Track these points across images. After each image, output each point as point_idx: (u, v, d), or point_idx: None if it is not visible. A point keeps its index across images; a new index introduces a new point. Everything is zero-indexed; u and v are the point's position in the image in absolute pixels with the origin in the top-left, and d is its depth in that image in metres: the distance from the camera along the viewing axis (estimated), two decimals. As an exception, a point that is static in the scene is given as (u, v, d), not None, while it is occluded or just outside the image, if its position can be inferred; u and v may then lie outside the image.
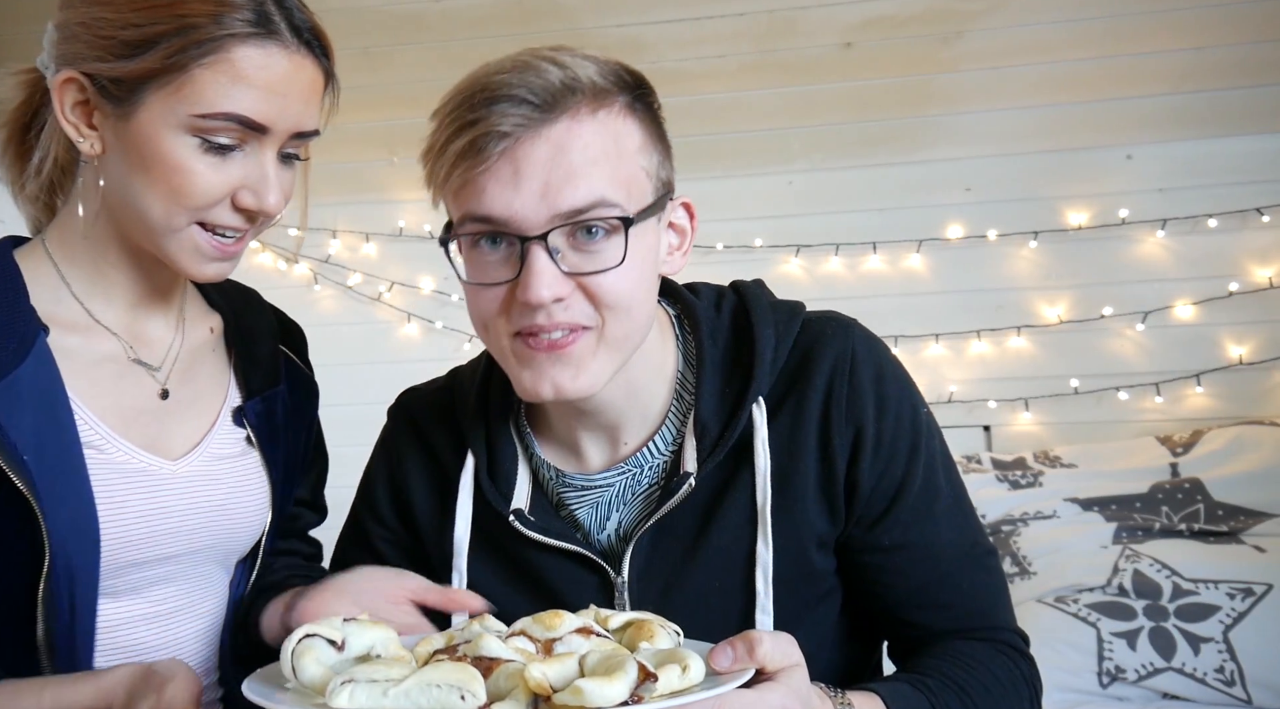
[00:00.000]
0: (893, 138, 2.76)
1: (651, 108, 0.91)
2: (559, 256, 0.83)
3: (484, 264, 0.87)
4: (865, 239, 2.75)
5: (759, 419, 0.94)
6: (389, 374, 2.98)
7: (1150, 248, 2.63)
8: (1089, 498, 2.30)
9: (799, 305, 1.01)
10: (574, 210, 0.82)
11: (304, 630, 0.73)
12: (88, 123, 0.96)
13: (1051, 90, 2.67)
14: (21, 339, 0.92)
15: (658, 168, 0.90)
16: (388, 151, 2.97)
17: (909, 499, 0.94)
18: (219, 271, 0.98)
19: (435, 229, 2.97)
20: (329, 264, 2.99)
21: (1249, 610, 1.92)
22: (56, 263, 1.00)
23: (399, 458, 1.07)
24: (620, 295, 0.86)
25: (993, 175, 2.72)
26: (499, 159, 0.82)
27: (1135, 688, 1.91)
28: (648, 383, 0.97)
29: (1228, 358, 2.57)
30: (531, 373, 0.87)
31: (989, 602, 0.98)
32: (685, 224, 0.97)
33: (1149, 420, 2.60)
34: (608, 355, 0.88)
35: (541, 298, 0.82)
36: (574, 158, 0.82)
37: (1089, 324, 2.65)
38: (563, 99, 0.83)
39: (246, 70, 0.91)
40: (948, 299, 2.73)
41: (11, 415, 0.89)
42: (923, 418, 0.97)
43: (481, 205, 0.83)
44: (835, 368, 0.94)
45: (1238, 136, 2.59)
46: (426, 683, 0.64)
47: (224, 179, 0.93)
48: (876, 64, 2.72)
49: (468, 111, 0.83)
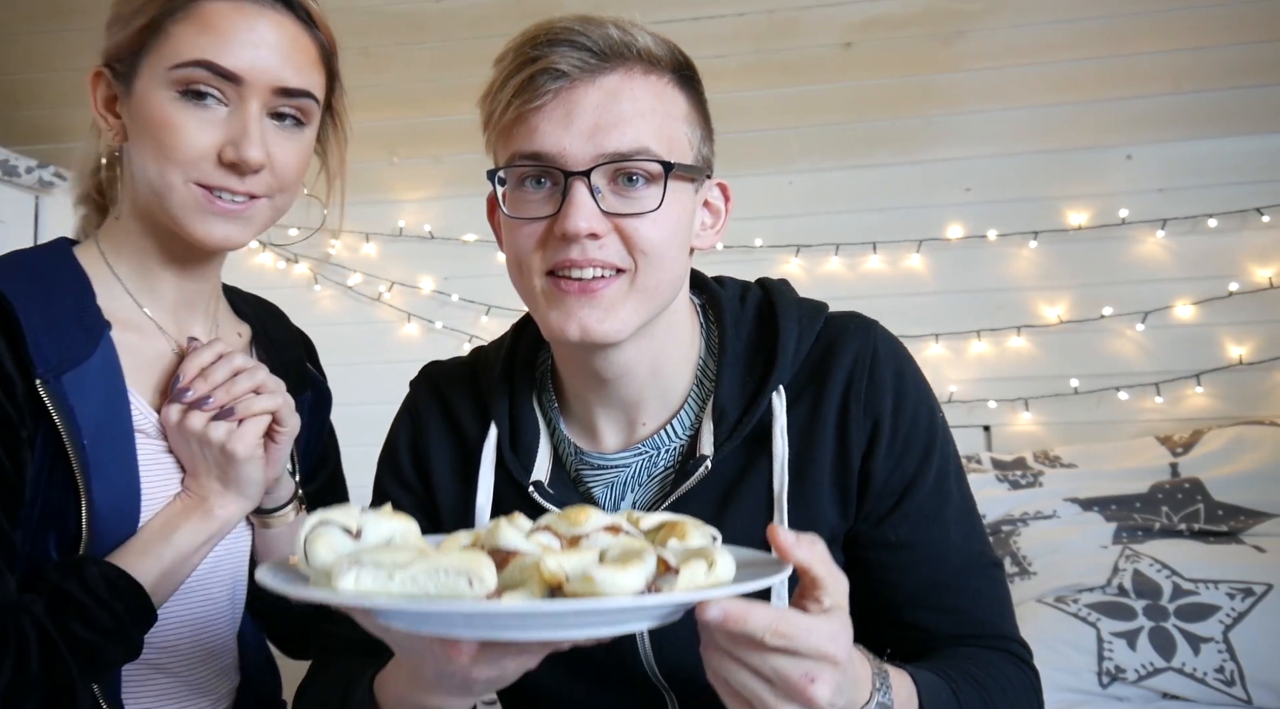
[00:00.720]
0: (893, 138, 2.76)
1: (700, 93, 0.95)
2: (599, 196, 0.86)
3: (526, 202, 0.89)
4: (865, 239, 2.75)
5: (779, 407, 0.95)
6: (389, 374, 2.99)
7: (1150, 248, 2.63)
8: (1089, 498, 2.30)
9: (823, 304, 1.03)
10: (618, 153, 0.85)
11: (318, 517, 0.71)
12: (113, 113, 1.02)
13: (1051, 90, 2.67)
14: (90, 333, 0.98)
15: (700, 143, 0.94)
16: (388, 151, 2.97)
17: (919, 497, 0.95)
18: (226, 234, 1.00)
19: (435, 229, 2.97)
20: (329, 264, 2.99)
21: (1249, 610, 1.92)
22: (110, 262, 1.05)
23: (422, 425, 1.08)
24: (654, 242, 0.88)
25: (993, 175, 2.72)
26: (553, 98, 0.86)
27: (1135, 688, 1.91)
28: (672, 365, 0.98)
29: (1228, 358, 2.57)
30: (560, 313, 0.88)
31: (995, 611, 0.97)
32: (720, 205, 1.00)
33: (1149, 420, 2.60)
34: (637, 304, 0.89)
35: (579, 228, 0.84)
36: (623, 106, 0.86)
37: (1089, 324, 2.65)
38: (618, 53, 0.87)
39: (214, 20, 0.95)
40: (948, 299, 2.73)
41: (78, 401, 0.94)
42: (939, 421, 0.98)
43: (532, 142, 0.86)
44: (856, 361, 0.95)
45: (1238, 136, 2.59)
46: (434, 568, 0.62)
47: (207, 133, 0.96)
48: (876, 64, 2.72)
49: (530, 49, 0.87)
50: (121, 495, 0.98)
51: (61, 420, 0.93)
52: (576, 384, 0.99)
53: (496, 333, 3.47)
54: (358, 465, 1.21)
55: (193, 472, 1.02)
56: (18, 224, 2.43)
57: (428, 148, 2.96)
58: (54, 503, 0.95)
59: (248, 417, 1.01)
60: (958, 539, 0.96)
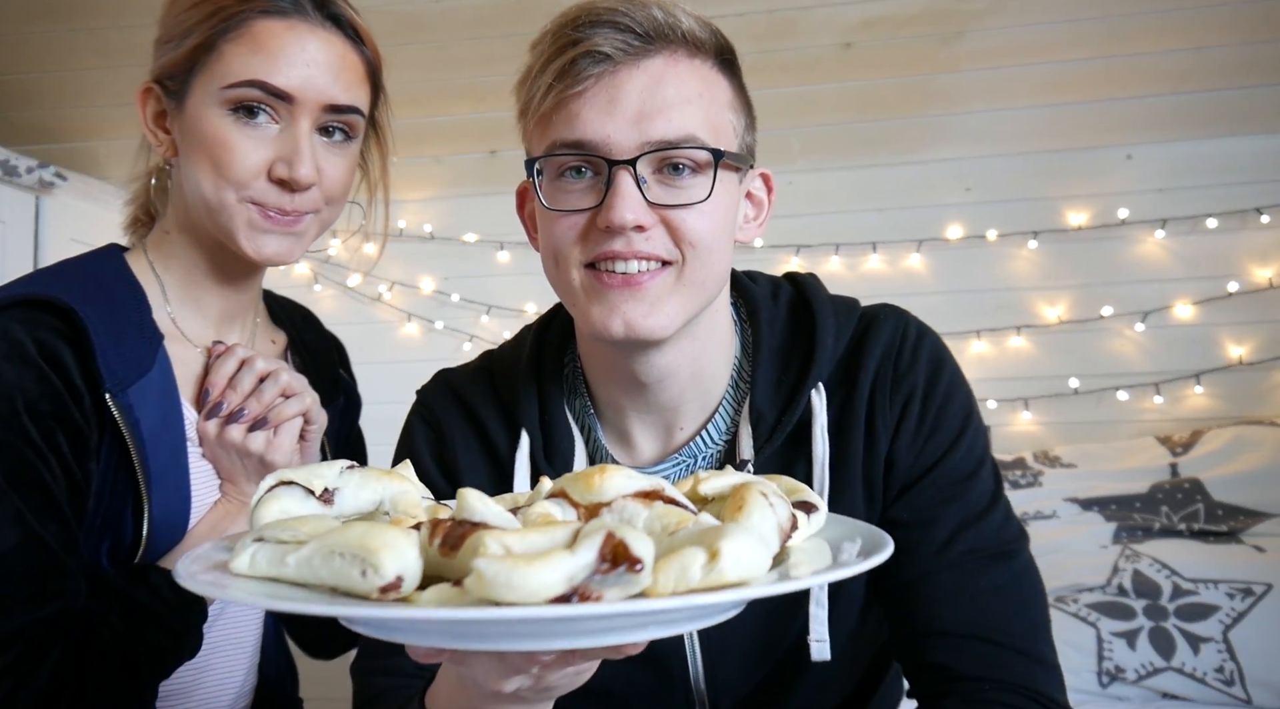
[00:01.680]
0: (893, 138, 2.76)
1: (740, 77, 0.91)
2: (645, 186, 0.82)
3: (565, 194, 0.85)
4: (865, 239, 2.75)
5: (818, 405, 0.91)
6: (389, 374, 2.99)
7: (1150, 248, 2.63)
8: (1089, 498, 2.30)
9: (855, 300, 1.00)
10: (665, 141, 0.81)
11: (278, 476, 0.63)
12: (163, 128, 1.04)
13: (1051, 90, 2.67)
14: (150, 345, 1.00)
15: (744, 131, 0.90)
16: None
17: (943, 476, 0.89)
18: (278, 249, 1.02)
19: (435, 229, 2.97)
20: (329, 264, 2.99)
21: (1249, 610, 1.92)
22: (158, 274, 1.07)
23: (445, 433, 1.00)
24: (702, 234, 0.83)
25: (993, 175, 2.72)
26: (596, 83, 0.81)
27: (1135, 688, 1.91)
28: (712, 364, 0.94)
29: (1227, 358, 2.57)
30: (602, 307, 0.84)
31: (1017, 620, 0.85)
32: (763, 196, 0.96)
33: (1149, 420, 2.60)
34: (684, 298, 0.85)
35: (624, 220, 0.80)
36: (669, 92, 0.82)
37: (1089, 324, 2.65)
38: (662, 35, 0.83)
39: (266, 40, 0.97)
40: (947, 299, 2.73)
41: (141, 412, 0.97)
42: (974, 413, 0.93)
43: (574, 130, 0.82)
44: (886, 351, 0.92)
45: (1238, 136, 2.59)
46: (330, 550, 0.50)
47: (259, 151, 0.98)
48: (876, 64, 2.72)
49: (571, 31, 0.83)
50: (175, 503, 1.00)
51: (128, 432, 0.94)
52: (611, 391, 0.95)
53: (496, 332, 3.46)
54: (358, 465, 1.21)
55: (232, 478, 1.05)
56: (18, 224, 2.43)
57: (428, 148, 2.96)
58: (112, 512, 0.97)
59: (281, 423, 1.03)
60: (986, 527, 0.87)
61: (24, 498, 0.88)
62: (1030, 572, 0.89)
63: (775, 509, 0.57)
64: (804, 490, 0.66)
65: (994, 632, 0.84)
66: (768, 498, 0.57)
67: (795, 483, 0.68)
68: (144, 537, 0.97)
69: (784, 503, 0.59)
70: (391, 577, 0.48)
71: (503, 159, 2.91)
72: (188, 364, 1.06)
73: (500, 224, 2.90)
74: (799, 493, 0.66)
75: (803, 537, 0.61)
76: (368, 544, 0.49)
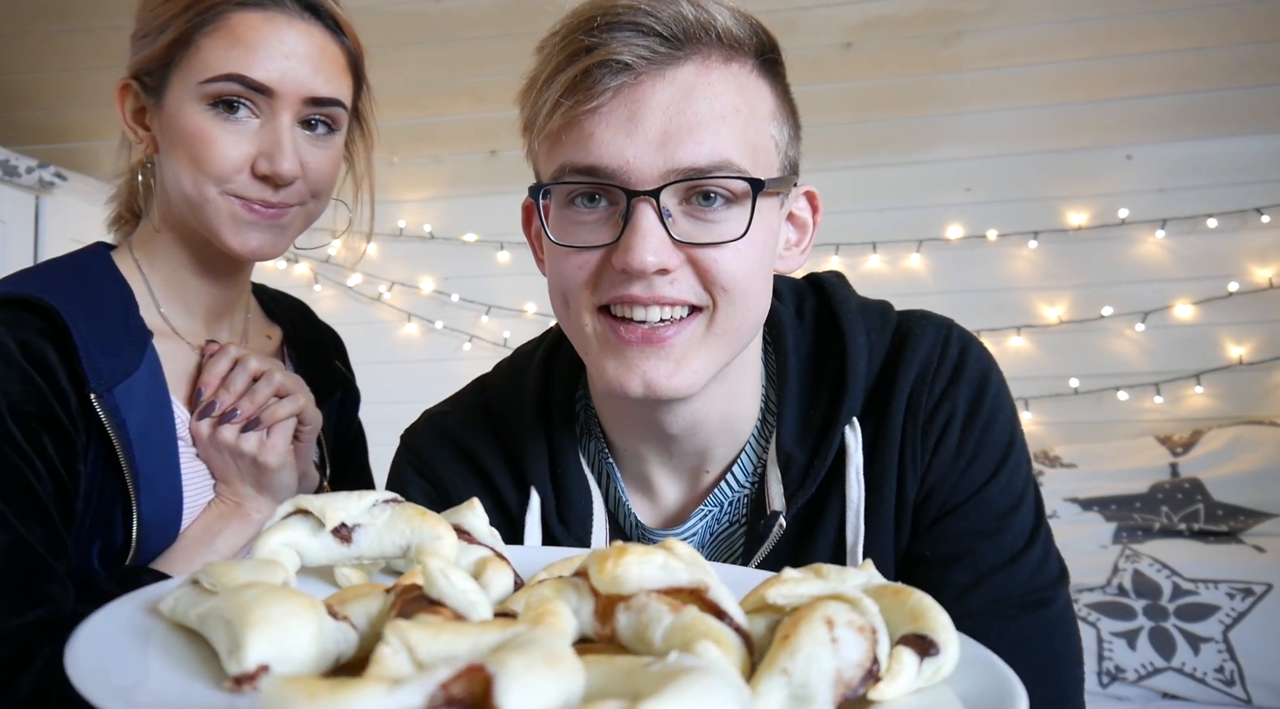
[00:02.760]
0: (893, 138, 2.76)
1: (783, 78, 0.78)
2: (669, 221, 0.70)
3: (575, 225, 0.73)
4: (865, 239, 2.75)
5: (853, 444, 0.79)
6: (389, 374, 3.00)
7: (1150, 248, 2.63)
8: (1089, 498, 2.30)
9: (888, 306, 0.87)
10: (694, 168, 0.69)
11: (295, 503, 0.55)
12: (142, 125, 1.02)
13: (1051, 90, 2.67)
14: (137, 344, 0.98)
15: (787, 144, 0.77)
16: (388, 151, 2.96)
17: (981, 509, 0.78)
18: (262, 243, 1.00)
19: (435, 229, 2.97)
20: (329, 264, 2.99)
21: (1249, 610, 1.91)
22: (144, 273, 1.05)
23: (449, 492, 0.87)
24: (737, 276, 0.71)
25: (993, 175, 2.72)
26: (614, 97, 0.69)
27: (1135, 688, 1.91)
28: (743, 404, 0.82)
29: (1227, 358, 2.57)
30: (619, 364, 0.72)
31: (1046, 677, 0.75)
32: (807, 217, 0.84)
33: (1149, 420, 2.60)
34: (713, 350, 0.73)
35: (645, 264, 0.68)
36: (700, 108, 0.69)
37: (1089, 324, 2.65)
38: (694, 37, 0.70)
39: (243, 33, 0.95)
40: (947, 299, 2.73)
41: (129, 412, 0.94)
42: (1019, 439, 0.81)
43: (587, 153, 0.70)
44: (922, 372, 0.80)
45: (1238, 136, 2.59)
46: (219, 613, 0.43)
47: (240, 146, 0.96)
48: (876, 64, 2.72)
49: (584, 35, 0.69)
50: (166, 504, 0.99)
51: (115, 433, 0.93)
52: (630, 440, 0.83)
53: (496, 332, 3.45)
54: (358, 465, 1.21)
55: (225, 479, 1.04)
56: (18, 224, 2.43)
57: (428, 148, 2.96)
58: (102, 513, 0.95)
59: (274, 423, 1.02)
60: (1019, 571, 0.77)
61: (9, 501, 0.86)
62: (1064, 622, 0.78)
63: (839, 648, 0.42)
64: (928, 618, 0.47)
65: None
66: (833, 630, 0.42)
67: (923, 604, 0.48)
68: (134, 538, 0.96)
69: (860, 640, 0.43)
70: (250, 665, 0.39)
71: (503, 159, 2.91)
72: (180, 362, 1.04)
73: (500, 224, 2.90)
74: (921, 623, 0.47)
75: (900, 688, 0.43)
76: (248, 616, 0.40)
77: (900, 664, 0.44)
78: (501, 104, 3.17)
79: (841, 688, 0.41)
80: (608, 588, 0.45)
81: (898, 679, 0.43)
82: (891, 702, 0.43)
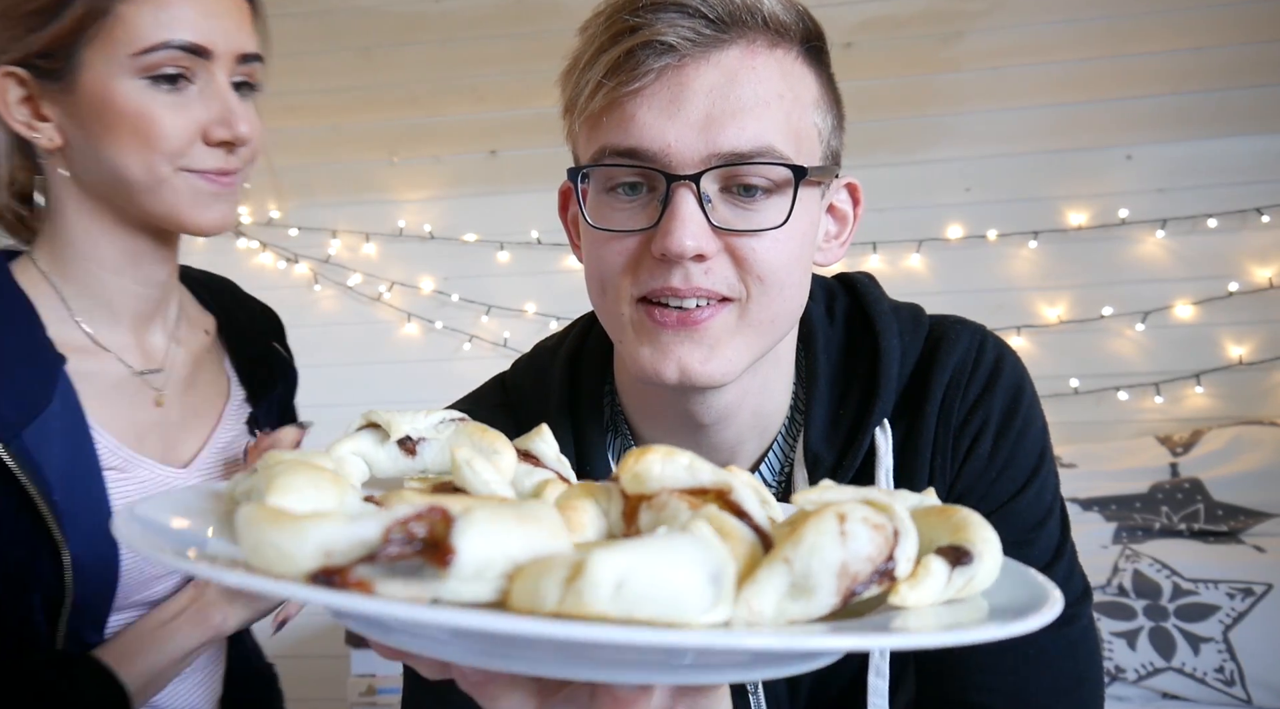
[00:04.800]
0: (893, 138, 2.76)
1: (828, 67, 0.78)
2: (709, 207, 0.69)
3: (615, 211, 0.72)
4: (865, 239, 2.75)
5: (883, 446, 0.78)
6: (389, 374, 3.00)
7: (1150, 248, 2.63)
8: (1089, 498, 2.30)
9: (920, 309, 0.86)
10: (736, 153, 0.69)
11: (367, 416, 0.55)
12: (37, 116, 0.92)
13: (1051, 90, 2.67)
14: (47, 373, 0.89)
15: (830, 133, 0.77)
16: (388, 152, 2.96)
17: (1005, 525, 0.73)
18: (225, 215, 0.94)
19: (435, 229, 2.96)
20: (329, 264, 2.99)
21: (1249, 610, 1.91)
22: (54, 283, 0.96)
23: None
24: (775, 266, 0.71)
25: (993, 175, 2.72)
26: (657, 79, 0.68)
27: (1135, 688, 1.91)
28: (774, 399, 0.81)
29: (1227, 358, 2.57)
30: (654, 350, 0.72)
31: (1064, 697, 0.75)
32: (848, 209, 0.82)
33: (1149, 420, 2.60)
34: (748, 340, 0.73)
35: (684, 248, 0.67)
36: (744, 92, 0.69)
37: (1089, 324, 2.65)
38: (739, 20, 0.70)
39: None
40: (948, 299, 2.72)
41: (43, 453, 0.86)
42: (1049, 452, 0.81)
43: (629, 135, 0.69)
44: (956, 377, 0.79)
45: (1238, 136, 2.59)
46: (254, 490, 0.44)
47: (188, 117, 0.90)
48: (876, 64, 2.72)
49: (629, 14, 0.69)
50: (99, 539, 0.90)
51: (30, 479, 0.84)
52: (659, 434, 0.82)
53: (496, 332, 3.46)
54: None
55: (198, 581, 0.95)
56: None
57: (428, 148, 2.95)
58: (25, 560, 0.87)
59: None
60: None
61: None
62: (1088, 639, 0.77)
63: (848, 541, 0.40)
64: (969, 530, 0.46)
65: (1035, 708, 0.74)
66: (844, 524, 0.40)
67: (968, 519, 0.47)
68: (68, 584, 0.87)
69: (874, 535, 0.41)
70: None
71: (503, 159, 2.91)
72: (104, 379, 0.95)
73: (500, 224, 2.90)
74: (960, 535, 0.46)
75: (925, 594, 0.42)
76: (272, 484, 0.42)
77: (927, 571, 0.42)
78: (501, 104, 3.18)
79: (847, 581, 0.40)
80: (631, 487, 0.45)
81: (921, 584, 0.42)
82: (915, 608, 0.42)
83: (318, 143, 2.99)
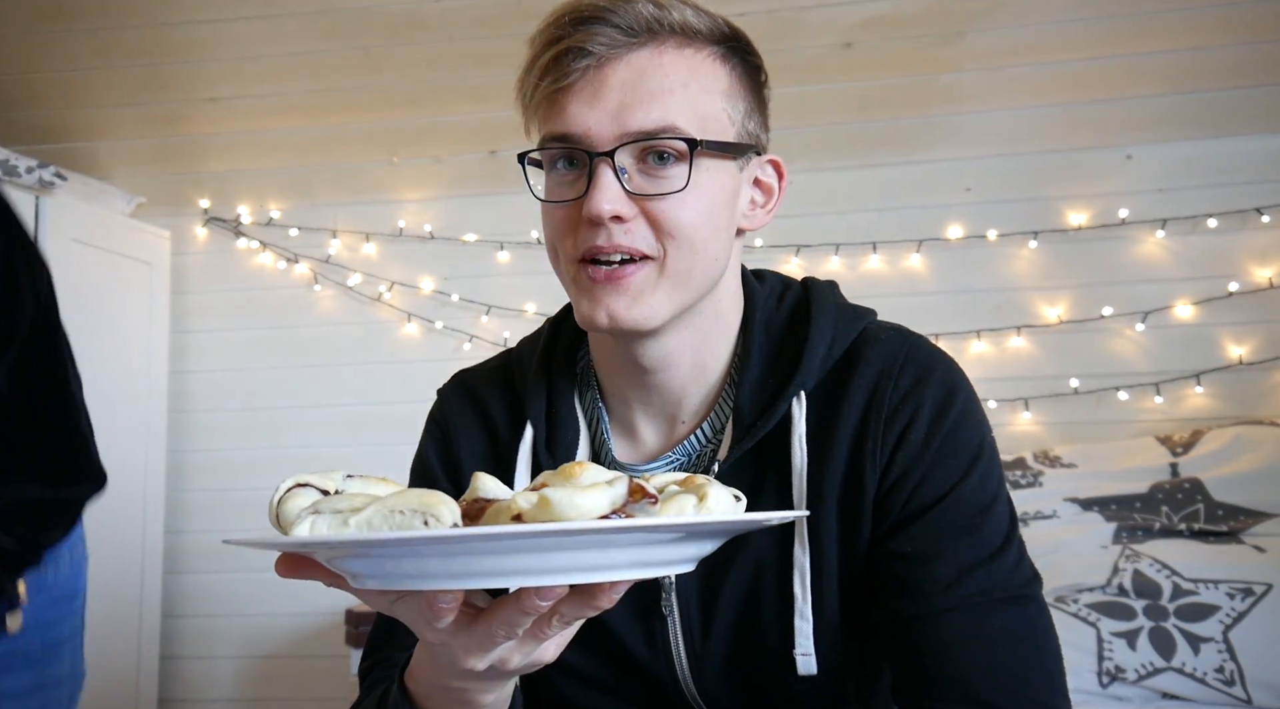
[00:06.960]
0: (893, 138, 2.77)
1: (749, 65, 0.91)
2: (625, 177, 0.83)
3: (557, 186, 0.87)
4: (865, 239, 2.76)
5: (798, 414, 0.89)
6: (389, 374, 3.00)
7: (1150, 248, 2.63)
8: (1089, 498, 2.30)
9: (870, 312, 0.97)
10: (642, 131, 0.82)
11: (293, 480, 0.66)
12: None
13: (1051, 90, 2.67)
14: None
15: (743, 118, 0.89)
16: (388, 152, 2.97)
17: (949, 510, 0.85)
18: None
19: (435, 229, 2.97)
20: (329, 264, 2.99)
21: (1249, 610, 1.92)
22: None
23: (453, 430, 1.02)
24: (681, 223, 0.83)
25: (993, 175, 2.72)
26: (581, 77, 0.83)
27: (1135, 688, 1.91)
28: (715, 358, 0.94)
29: (1227, 358, 2.57)
30: (589, 301, 0.86)
31: (1045, 699, 0.81)
32: (773, 182, 0.95)
33: (1149, 420, 2.60)
34: (668, 291, 0.85)
35: (602, 211, 0.81)
36: (651, 84, 0.83)
37: (1089, 324, 2.65)
38: (650, 29, 0.84)
39: None
40: (948, 299, 2.73)
41: None
42: (988, 447, 0.88)
43: (561, 123, 0.84)
44: (885, 369, 0.89)
45: (1238, 136, 2.59)
46: (389, 509, 0.57)
47: None
48: (876, 64, 2.72)
49: (556, 29, 0.85)
50: None
51: None
52: (616, 379, 0.95)
53: (496, 333, 3.46)
54: (361, 465, 1.20)
55: None
56: (18, 224, 2.42)
57: (428, 148, 2.96)
58: None
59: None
60: (997, 569, 0.83)
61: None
62: (1043, 618, 0.84)
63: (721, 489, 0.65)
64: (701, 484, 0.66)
65: (1010, 681, 0.80)
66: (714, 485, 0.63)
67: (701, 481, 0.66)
68: None
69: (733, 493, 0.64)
70: (449, 523, 0.56)
71: (503, 159, 2.91)
72: None
73: (500, 224, 2.90)
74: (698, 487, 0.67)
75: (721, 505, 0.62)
76: (426, 500, 0.56)
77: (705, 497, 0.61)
78: (501, 104, 3.17)
79: None
80: (576, 485, 0.61)
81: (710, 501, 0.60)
82: None
83: (318, 143, 2.99)
